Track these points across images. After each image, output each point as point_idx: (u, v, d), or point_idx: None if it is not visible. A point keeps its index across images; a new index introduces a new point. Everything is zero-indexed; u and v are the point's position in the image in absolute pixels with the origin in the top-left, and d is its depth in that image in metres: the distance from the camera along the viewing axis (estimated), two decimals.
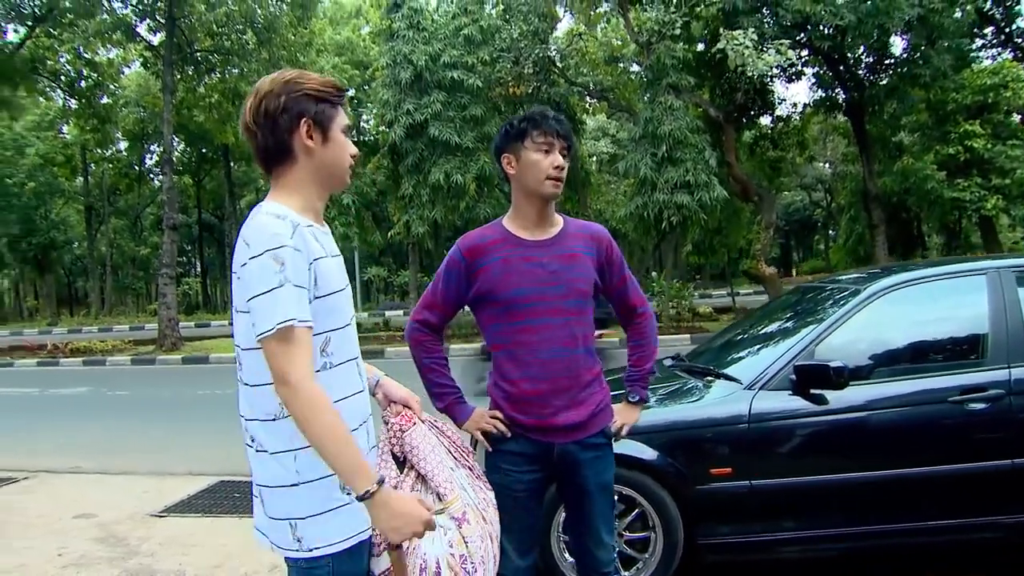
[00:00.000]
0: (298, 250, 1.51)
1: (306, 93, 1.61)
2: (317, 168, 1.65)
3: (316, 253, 1.57)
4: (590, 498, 2.19)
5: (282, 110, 1.60)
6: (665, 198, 13.37)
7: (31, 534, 4.53)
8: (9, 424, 9.04)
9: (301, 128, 1.61)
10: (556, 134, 2.11)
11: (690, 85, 14.22)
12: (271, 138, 1.61)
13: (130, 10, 18.61)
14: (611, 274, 2.24)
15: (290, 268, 1.48)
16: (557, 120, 2.14)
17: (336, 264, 1.66)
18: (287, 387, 1.44)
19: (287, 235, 1.50)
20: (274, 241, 1.49)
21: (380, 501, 1.47)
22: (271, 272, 1.47)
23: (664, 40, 13.53)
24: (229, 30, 18.98)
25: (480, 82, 17.26)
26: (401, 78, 17.29)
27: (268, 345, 1.46)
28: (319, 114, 1.63)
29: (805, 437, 3.12)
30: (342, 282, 1.66)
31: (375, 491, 1.46)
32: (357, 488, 1.46)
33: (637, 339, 2.36)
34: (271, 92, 1.61)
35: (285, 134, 1.61)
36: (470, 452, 1.98)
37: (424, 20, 17.86)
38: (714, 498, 3.05)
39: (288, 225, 1.52)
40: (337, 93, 1.67)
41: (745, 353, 3.71)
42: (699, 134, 13.84)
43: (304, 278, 1.51)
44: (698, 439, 3.14)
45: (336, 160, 1.67)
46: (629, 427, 2.33)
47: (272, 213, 1.53)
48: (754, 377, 3.19)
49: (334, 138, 1.66)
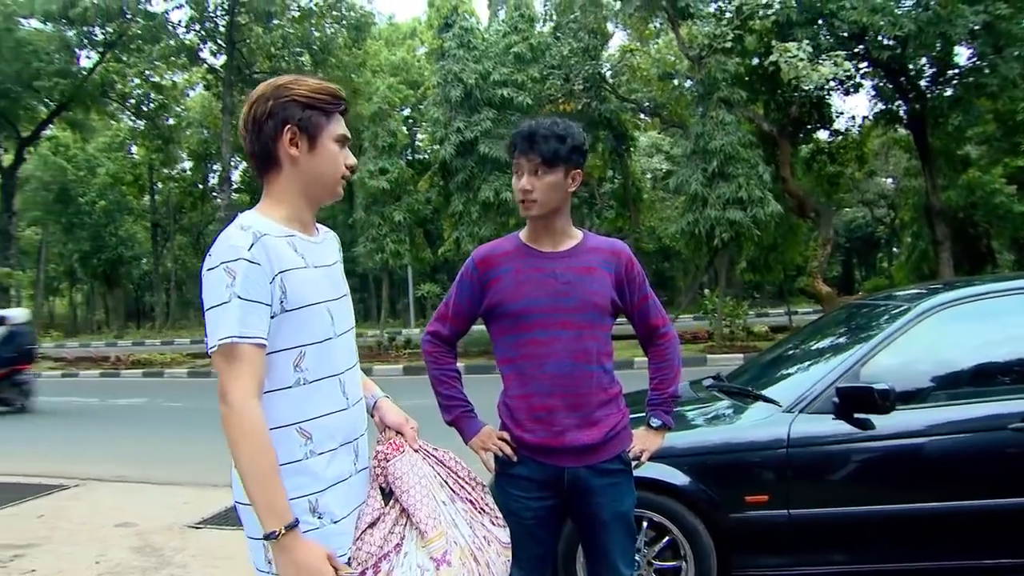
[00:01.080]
0: (255, 263, 1.44)
1: (293, 99, 1.55)
2: (302, 177, 1.59)
3: (285, 264, 1.50)
4: (605, 528, 2.05)
5: (268, 115, 1.55)
6: (717, 214, 13.08)
7: (74, 540, 4.64)
8: (68, 432, 9.35)
9: (285, 135, 1.55)
10: (525, 155, 1.99)
11: (742, 99, 13.92)
12: (257, 144, 1.56)
13: (193, 35, 19.38)
14: (631, 292, 2.11)
15: (240, 282, 1.42)
16: (524, 138, 2.00)
17: (319, 275, 1.58)
18: (224, 405, 1.40)
19: (244, 247, 1.44)
20: (230, 253, 1.43)
21: (283, 546, 1.40)
22: (222, 286, 1.42)
23: (715, 54, 13.32)
24: (287, 52, 19.55)
25: (530, 99, 17.28)
26: (451, 96, 17.45)
27: (214, 361, 1.43)
28: (304, 121, 1.55)
29: (849, 464, 2.93)
30: (323, 294, 1.58)
31: (280, 535, 1.39)
32: (264, 525, 1.40)
33: (659, 361, 2.21)
34: (261, 96, 1.56)
35: (269, 141, 1.56)
36: (477, 485, 1.83)
37: (475, 39, 18.02)
38: (749, 527, 2.89)
39: (249, 236, 1.45)
40: (332, 101, 1.59)
41: (786, 373, 3.53)
42: (752, 149, 13.54)
43: (260, 292, 1.45)
44: (732, 464, 2.98)
45: (322, 170, 1.60)
46: (649, 454, 2.18)
47: (239, 224, 1.48)
48: (794, 399, 3.01)
49: (322, 147, 1.58)
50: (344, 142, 1.63)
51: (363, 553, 1.56)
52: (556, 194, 2.01)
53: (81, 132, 23.93)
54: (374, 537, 1.58)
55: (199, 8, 18.44)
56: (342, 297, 1.66)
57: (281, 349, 1.51)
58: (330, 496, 1.54)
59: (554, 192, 2.00)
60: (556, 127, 1.98)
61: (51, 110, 22.54)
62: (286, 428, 1.50)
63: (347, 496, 1.59)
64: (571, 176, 2.03)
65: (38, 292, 37.31)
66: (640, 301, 2.14)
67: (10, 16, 17.38)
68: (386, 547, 1.58)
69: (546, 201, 2.01)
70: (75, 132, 23.30)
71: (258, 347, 1.44)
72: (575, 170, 2.03)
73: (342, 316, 1.64)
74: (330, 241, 1.73)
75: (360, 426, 1.67)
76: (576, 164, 2.03)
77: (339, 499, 1.56)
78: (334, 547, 1.51)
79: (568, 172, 2.01)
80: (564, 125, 2.01)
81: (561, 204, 2.05)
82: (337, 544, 1.52)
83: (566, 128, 2.00)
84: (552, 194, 2.00)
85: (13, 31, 17.39)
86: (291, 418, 1.51)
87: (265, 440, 1.41)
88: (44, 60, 17.84)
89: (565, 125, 2.01)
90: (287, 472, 1.47)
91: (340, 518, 1.55)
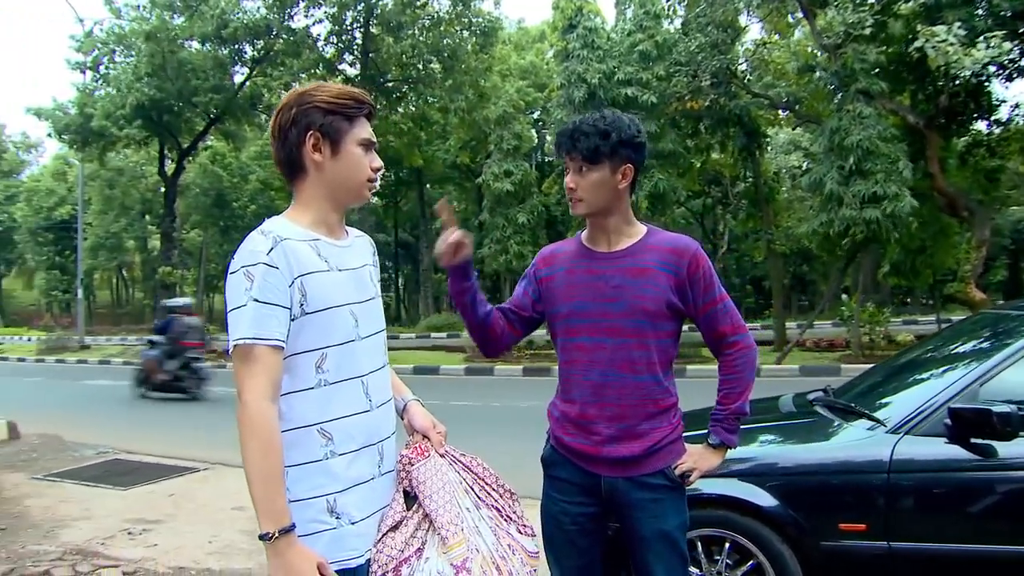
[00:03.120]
0: (274, 267, 1.47)
1: (315, 105, 1.57)
2: (327, 182, 1.61)
3: (306, 268, 1.52)
4: (646, 546, 1.92)
5: (292, 123, 1.58)
6: (852, 214, 12.16)
7: (194, 519, 5.03)
8: (211, 419, 10.08)
9: (308, 141, 1.57)
10: (569, 153, 1.93)
11: (883, 91, 12.86)
12: (283, 151, 1.60)
13: (332, 49, 20.48)
14: (694, 294, 1.94)
15: (258, 285, 1.46)
16: (567, 136, 1.94)
17: (343, 278, 1.59)
18: (240, 404, 1.44)
19: (264, 251, 1.47)
20: (250, 258, 1.47)
21: (276, 549, 1.41)
22: (241, 289, 1.46)
23: (852, 42, 12.40)
24: (417, 60, 20.22)
25: (654, 98, 16.90)
26: (575, 97, 17.38)
27: (233, 361, 1.47)
28: (326, 127, 1.57)
29: (962, 496, 2.59)
30: (347, 297, 1.59)
31: (274, 537, 1.40)
32: (260, 525, 1.41)
33: (727, 372, 2.01)
34: (286, 105, 1.60)
35: (294, 147, 1.59)
36: (506, 492, 1.79)
37: (599, 39, 17.86)
38: (842, 557, 2.63)
39: (269, 241, 1.49)
40: (356, 105, 1.60)
41: (895, 389, 3.20)
42: (893, 143, 12.47)
43: (278, 295, 1.47)
44: (825, 487, 2.72)
45: (347, 174, 1.61)
46: (700, 473, 1.99)
47: (262, 229, 1.52)
48: (900, 419, 2.72)
49: (346, 151, 1.60)
50: (368, 146, 1.63)
51: (383, 556, 1.56)
52: (603, 191, 1.93)
53: (234, 142, 25.94)
54: (395, 540, 1.58)
55: (338, 22, 19.47)
56: (369, 300, 1.66)
57: (303, 351, 1.53)
58: (349, 497, 1.55)
59: (600, 190, 1.92)
60: (601, 122, 1.90)
61: (207, 122, 24.59)
62: (307, 428, 1.53)
63: (368, 498, 1.59)
64: (621, 172, 1.93)
65: (200, 289, 40.82)
66: (707, 305, 1.96)
67: (173, 40, 19.11)
68: (407, 551, 1.57)
69: (592, 200, 1.94)
70: (228, 142, 25.28)
71: (274, 349, 1.47)
72: (625, 165, 1.93)
73: (368, 319, 1.64)
74: (361, 244, 1.74)
75: (385, 429, 1.66)
76: (626, 159, 1.92)
77: (359, 500, 1.57)
78: (349, 548, 1.53)
79: (616, 168, 1.92)
80: (611, 119, 1.91)
81: (612, 202, 1.95)
82: (353, 545, 1.54)
83: (612, 123, 1.90)
84: (598, 192, 1.93)
85: (176, 53, 19.12)
86: (312, 419, 1.53)
87: (273, 442, 1.44)
88: (201, 78, 19.53)
89: (613, 119, 1.91)
90: (307, 471, 1.51)
91: (358, 519, 1.56)
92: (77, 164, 29.09)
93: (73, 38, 21.41)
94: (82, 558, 4.21)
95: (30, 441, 8.18)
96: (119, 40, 20.72)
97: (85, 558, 4.22)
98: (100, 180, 38.06)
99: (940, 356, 3.32)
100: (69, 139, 21.96)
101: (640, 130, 1.96)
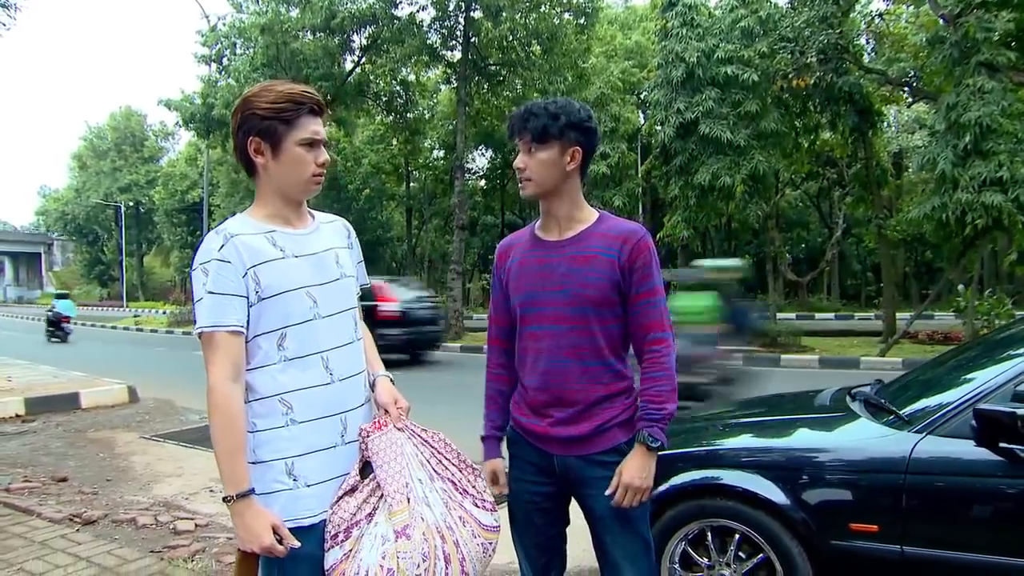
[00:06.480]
0: (226, 261, 1.63)
1: (253, 112, 1.70)
2: (273, 180, 1.75)
3: (260, 258, 1.67)
4: (603, 525, 1.96)
5: (238, 128, 1.73)
6: (969, 198, 11.26)
7: None
8: None
9: (250, 146, 1.72)
10: (519, 133, 1.95)
11: (1010, 62, 11.77)
12: (236, 153, 1.76)
13: (435, 35, 20.88)
14: (631, 281, 1.90)
15: (212, 279, 1.62)
16: (519, 117, 1.96)
17: (300, 263, 1.73)
18: (207, 384, 1.60)
19: (215, 248, 1.64)
20: (205, 255, 1.65)
21: (236, 510, 1.58)
22: (199, 284, 1.63)
23: (975, 10, 11.42)
24: (517, 43, 20.27)
25: (756, 76, 16.25)
26: (672, 77, 16.99)
27: (201, 348, 1.64)
28: (264, 132, 1.70)
29: (985, 503, 2.45)
30: (304, 280, 1.72)
31: (233, 500, 1.57)
32: (225, 489, 1.58)
33: (657, 371, 1.91)
34: (235, 111, 1.74)
35: (242, 151, 1.74)
36: (467, 467, 1.90)
37: (699, 16, 17.32)
38: (853, 558, 2.55)
39: (220, 238, 1.65)
40: (293, 108, 1.71)
41: (930, 386, 3.02)
42: (1020, 120, 11.42)
43: (232, 286, 1.63)
44: (838, 484, 2.64)
45: (290, 174, 1.74)
46: (628, 484, 1.87)
47: (217, 228, 1.68)
48: (924, 417, 2.59)
49: (286, 152, 1.72)
50: (312, 143, 1.74)
51: (337, 517, 1.71)
52: (551, 172, 1.95)
53: (344, 128, 26.91)
54: (349, 504, 1.72)
55: (441, 7, 19.81)
56: (332, 281, 1.79)
57: (265, 332, 1.70)
58: (308, 461, 1.70)
59: (549, 170, 1.94)
60: (552, 106, 1.93)
61: None
62: (270, 399, 1.69)
63: (328, 464, 1.73)
64: (569, 154, 1.94)
65: None
66: (637, 296, 1.92)
67: (287, 32, 20.06)
68: (359, 515, 1.71)
69: (540, 179, 1.96)
70: (339, 128, 26.31)
71: (233, 334, 1.64)
72: (573, 147, 1.94)
73: (330, 298, 1.77)
74: (329, 230, 1.88)
75: (350, 400, 1.80)
76: (575, 142, 1.94)
77: (318, 465, 1.71)
78: (304, 508, 1.68)
79: (565, 150, 1.94)
80: (563, 103, 1.94)
81: (560, 183, 1.97)
82: (308, 506, 1.69)
83: (563, 106, 1.93)
84: (546, 171, 1.95)
85: (289, 44, 20.06)
86: (274, 390, 1.69)
87: (234, 417, 1.61)
88: (312, 67, 20.39)
89: (564, 103, 1.94)
90: (270, 436, 1.67)
91: (315, 483, 1.70)
92: (205, 150, 31.10)
93: (199, 33, 22.88)
94: (166, 510, 4.66)
95: (146, 405, 9.05)
96: (240, 33, 21.92)
97: (168, 510, 4.66)
98: (227, 165, 40.63)
99: (986, 354, 3.11)
100: (195, 128, 23.50)
101: (590, 116, 1.98)
